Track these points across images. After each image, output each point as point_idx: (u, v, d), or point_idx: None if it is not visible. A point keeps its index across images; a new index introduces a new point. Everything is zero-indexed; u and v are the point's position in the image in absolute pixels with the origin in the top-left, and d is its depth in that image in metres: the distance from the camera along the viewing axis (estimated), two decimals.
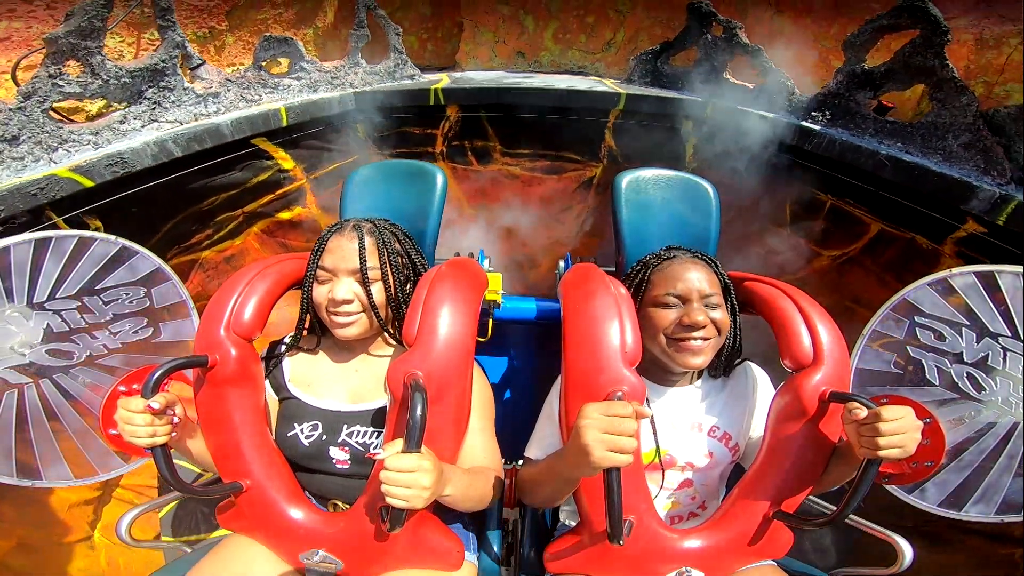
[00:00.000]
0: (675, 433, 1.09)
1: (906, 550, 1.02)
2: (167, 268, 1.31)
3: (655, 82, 2.36)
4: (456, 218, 2.53)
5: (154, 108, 1.64)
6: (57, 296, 1.19)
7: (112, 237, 1.23)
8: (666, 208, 1.37)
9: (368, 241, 1.05)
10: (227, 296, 1.02)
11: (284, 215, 2.21)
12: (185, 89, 1.71)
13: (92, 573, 1.69)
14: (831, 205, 1.82)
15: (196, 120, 1.74)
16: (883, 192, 1.61)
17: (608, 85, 2.37)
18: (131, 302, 1.28)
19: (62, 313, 1.20)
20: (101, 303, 1.24)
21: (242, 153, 1.87)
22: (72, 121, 1.59)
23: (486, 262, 1.63)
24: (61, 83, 1.41)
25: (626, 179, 1.38)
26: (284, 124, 1.94)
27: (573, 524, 1.12)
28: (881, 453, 0.81)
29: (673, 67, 2.31)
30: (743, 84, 2.04)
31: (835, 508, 0.88)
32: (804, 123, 1.79)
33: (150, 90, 1.62)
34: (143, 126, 1.61)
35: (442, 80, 2.43)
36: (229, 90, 1.85)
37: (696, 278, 1.02)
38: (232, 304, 1.01)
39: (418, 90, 2.23)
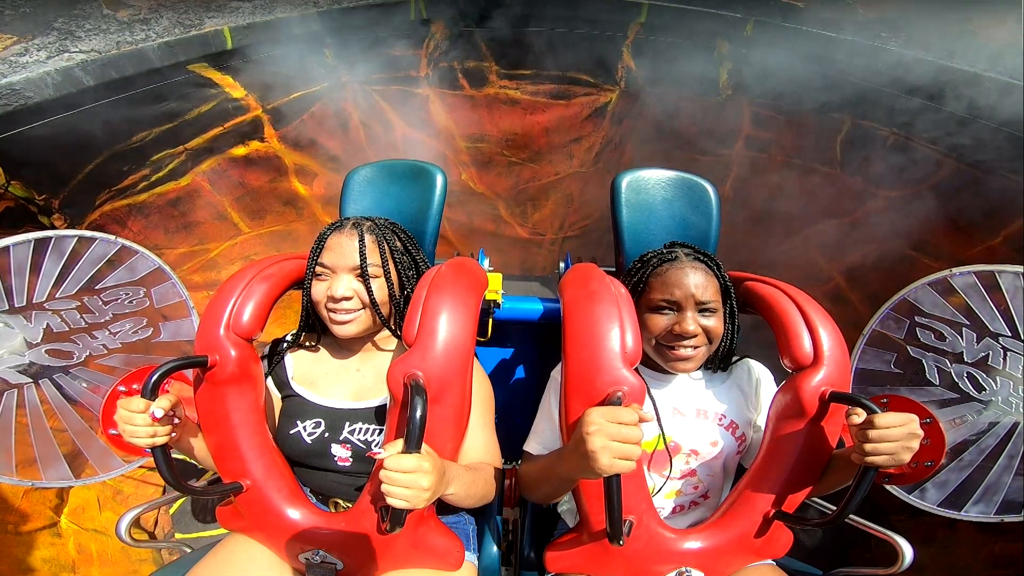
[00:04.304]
0: (679, 419, 1.09)
1: (906, 550, 1.02)
2: (167, 268, 1.31)
3: None
4: (449, 155, 2.16)
5: (64, 38, 1.44)
6: (57, 296, 1.19)
7: (112, 237, 1.23)
8: (666, 208, 1.38)
9: (368, 239, 1.05)
10: (227, 296, 1.02)
11: (238, 151, 1.96)
12: (104, 15, 1.52)
13: (60, 563, 1.50)
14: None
15: (119, 50, 1.52)
16: None
17: None
18: (131, 302, 1.28)
19: (62, 313, 1.20)
20: (101, 303, 1.24)
21: (177, 81, 1.63)
22: None
23: (486, 262, 1.63)
24: None
25: (626, 179, 1.38)
26: (229, 47, 1.71)
27: (573, 524, 1.12)
28: (868, 459, 0.81)
29: None
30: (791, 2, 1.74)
31: (835, 508, 0.88)
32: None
33: (59, 19, 1.44)
34: (49, 58, 1.41)
35: None
36: (162, 16, 1.63)
37: (693, 285, 1.02)
38: (232, 304, 1.01)
39: (395, 2, 1.94)
